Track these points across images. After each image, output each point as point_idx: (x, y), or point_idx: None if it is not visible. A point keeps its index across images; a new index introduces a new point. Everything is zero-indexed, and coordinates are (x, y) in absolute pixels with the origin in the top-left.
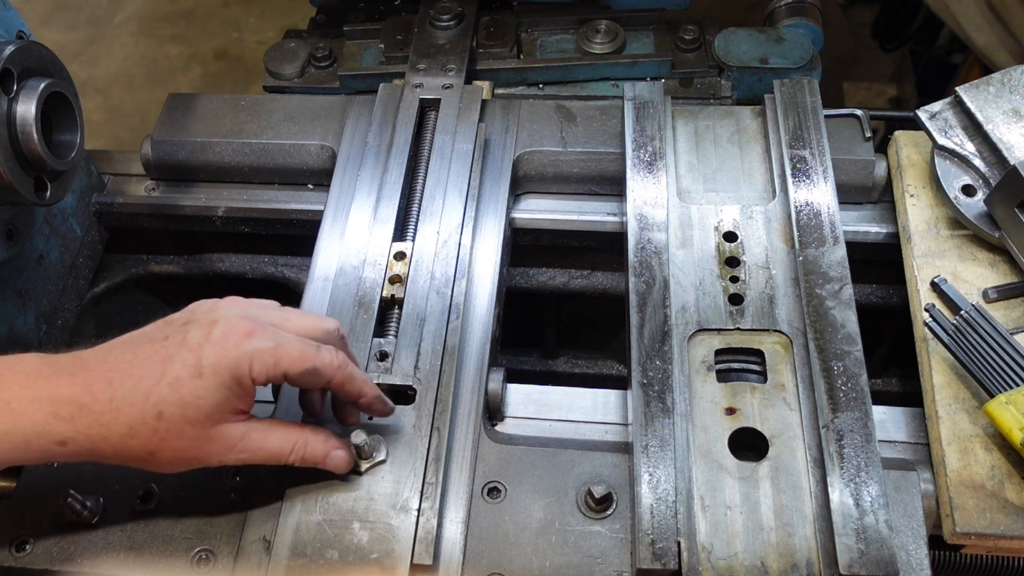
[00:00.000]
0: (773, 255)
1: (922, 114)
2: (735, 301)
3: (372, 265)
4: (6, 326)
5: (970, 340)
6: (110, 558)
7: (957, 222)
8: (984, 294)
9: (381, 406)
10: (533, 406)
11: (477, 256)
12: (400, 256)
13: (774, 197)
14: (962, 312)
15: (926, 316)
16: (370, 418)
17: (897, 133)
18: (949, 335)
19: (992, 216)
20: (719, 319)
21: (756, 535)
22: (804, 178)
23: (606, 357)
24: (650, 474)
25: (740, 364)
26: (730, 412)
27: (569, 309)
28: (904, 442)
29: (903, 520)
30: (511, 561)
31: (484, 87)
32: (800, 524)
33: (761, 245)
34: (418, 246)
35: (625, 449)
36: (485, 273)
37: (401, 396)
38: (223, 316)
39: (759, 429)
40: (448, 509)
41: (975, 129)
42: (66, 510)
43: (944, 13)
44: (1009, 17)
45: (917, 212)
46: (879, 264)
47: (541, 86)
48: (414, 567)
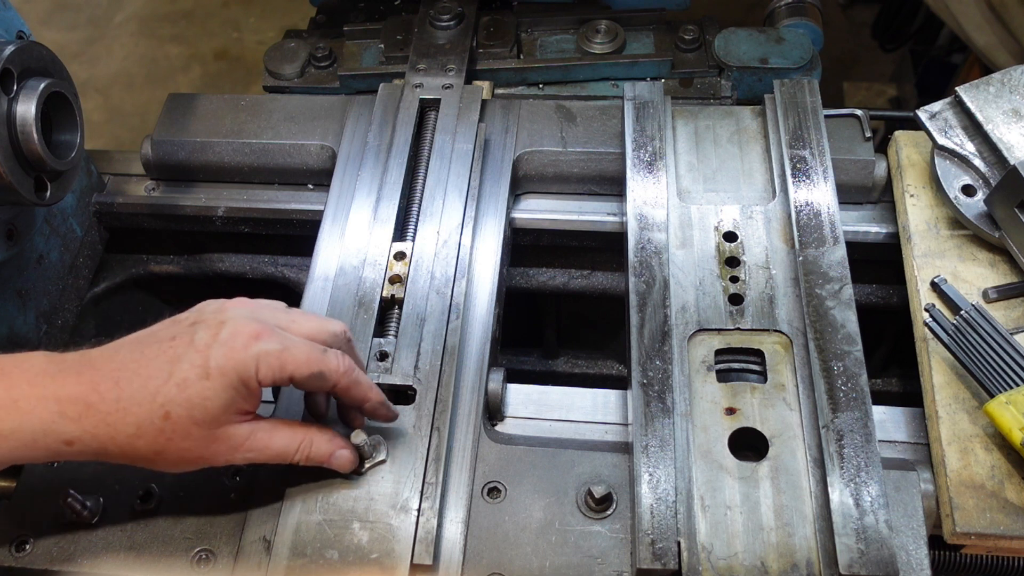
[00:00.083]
0: (773, 255)
1: (922, 114)
2: (735, 301)
3: (372, 265)
4: (6, 326)
5: (970, 340)
6: (110, 558)
7: (957, 222)
8: (984, 294)
9: (385, 412)
10: (533, 406)
11: (477, 256)
12: (400, 256)
13: (774, 197)
14: (962, 312)
15: (926, 316)
16: None
17: (897, 133)
18: (949, 335)
19: (992, 216)
20: (719, 319)
21: (756, 535)
22: (804, 178)
23: (606, 357)
24: (650, 474)
25: (740, 364)
26: (730, 412)
27: (569, 309)
28: (904, 442)
29: (903, 520)
30: (511, 561)
31: (484, 87)
32: (800, 524)
33: (761, 245)
34: (418, 246)
35: (625, 449)
36: (485, 273)
37: (401, 396)
38: (231, 317)
39: (759, 429)
40: (448, 509)
41: (975, 129)
42: (66, 510)
43: (944, 13)
44: (1009, 17)
45: (917, 212)
46: (879, 264)
47: (541, 86)
48: (414, 567)
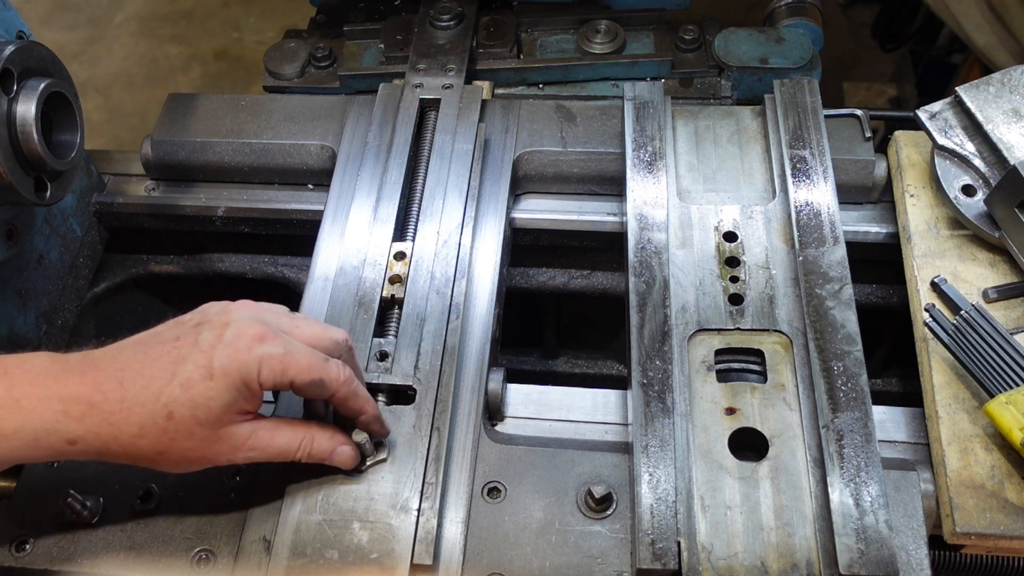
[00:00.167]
0: (773, 255)
1: (922, 114)
2: (735, 301)
3: (372, 265)
4: (6, 326)
5: (970, 340)
6: (110, 558)
7: (957, 222)
8: (984, 294)
9: (378, 427)
10: (533, 406)
11: (477, 256)
12: (400, 256)
13: (774, 197)
14: (962, 312)
15: (926, 316)
16: None
17: (897, 133)
18: (949, 335)
19: (992, 216)
20: (719, 319)
21: (756, 535)
22: (804, 178)
23: (606, 357)
24: (650, 474)
25: (740, 364)
26: (730, 412)
27: (569, 309)
28: (904, 442)
29: (903, 520)
30: (511, 561)
31: (484, 87)
32: (800, 524)
33: (761, 245)
34: (418, 246)
35: (625, 449)
36: (485, 273)
37: (401, 396)
38: (235, 319)
39: (759, 429)
40: (448, 509)
41: (975, 129)
42: (66, 510)
43: (944, 13)
44: (1009, 17)
45: (917, 212)
46: (879, 264)
47: (541, 86)
48: (414, 567)
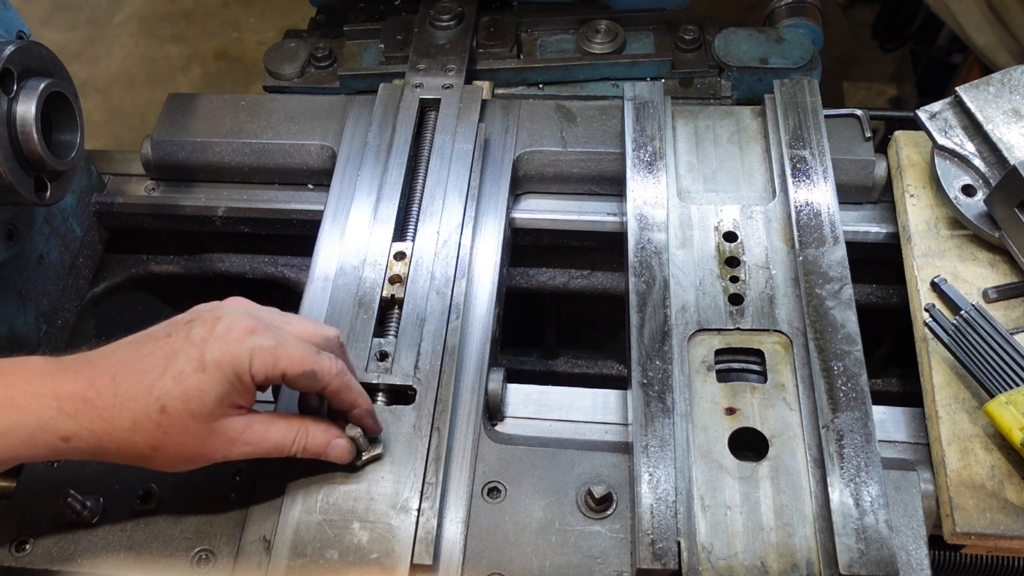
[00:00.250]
0: (773, 255)
1: (922, 114)
2: (735, 301)
3: (372, 265)
4: (6, 326)
5: (970, 340)
6: (110, 558)
7: (957, 222)
8: (984, 294)
9: (371, 421)
10: (533, 406)
11: (477, 256)
12: (400, 256)
13: (774, 197)
14: (962, 312)
15: (926, 316)
16: None
17: (897, 133)
18: (949, 335)
19: (992, 216)
20: (719, 319)
21: (756, 535)
22: (804, 178)
23: (606, 357)
24: (650, 474)
25: (740, 364)
26: (730, 412)
27: (569, 309)
28: (904, 442)
29: (903, 520)
30: (511, 561)
31: (484, 87)
32: (800, 524)
33: (761, 245)
34: (418, 246)
35: (625, 449)
36: (485, 273)
37: (401, 396)
38: (227, 313)
39: (759, 429)
40: (448, 509)
41: (975, 129)
42: (66, 510)
43: (944, 13)
44: (1009, 17)
45: (917, 212)
46: (879, 264)
47: (541, 86)
48: (414, 567)
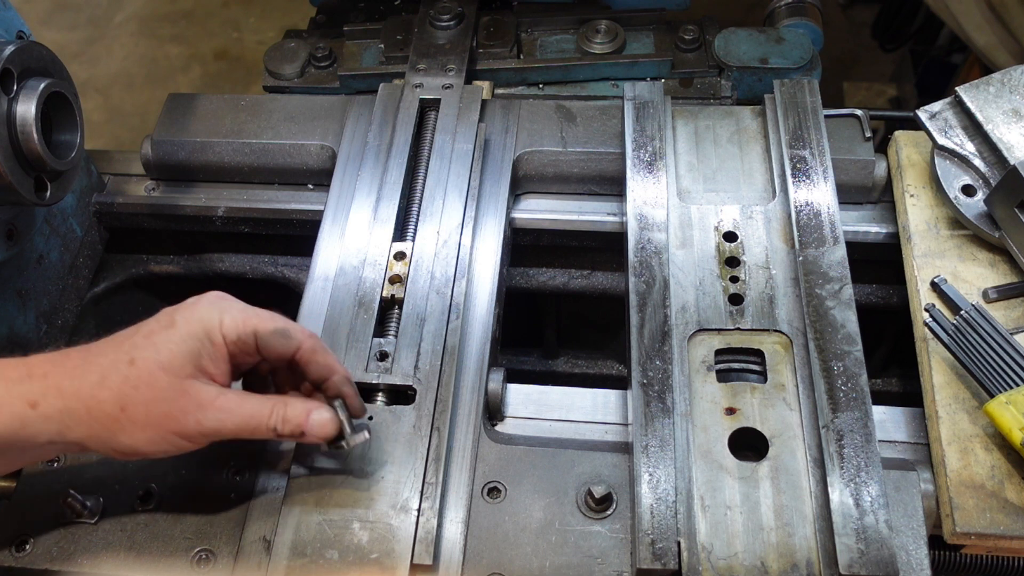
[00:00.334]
0: (773, 255)
1: (922, 114)
2: (735, 301)
3: (372, 265)
4: (6, 326)
5: (970, 340)
6: (110, 558)
7: (957, 222)
8: (984, 294)
9: (350, 389)
10: (533, 406)
11: (477, 256)
12: (400, 256)
13: (774, 197)
14: (962, 312)
15: (926, 316)
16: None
17: (897, 133)
18: (949, 335)
19: (992, 216)
20: (719, 319)
21: (756, 535)
22: (804, 178)
23: (606, 357)
24: (650, 474)
25: (740, 364)
26: (730, 412)
27: (569, 309)
28: (904, 442)
29: (903, 520)
30: (511, 561)
31: (484, 87)
32: (800, 524)
33: (761, 245)
34: (418, 246)
35: (625, 449)
36: (485, 273)
37: (401, 396)
38: (203, 296)
39: (759, 429)
40: (448, 509)
41: (975, 129)
42: (66, 510)
43: (944, 13)
44: (1009, 17)
45: (917, 212)
46: (879, 264)
47: (541, 86)
48: (414, 567)
